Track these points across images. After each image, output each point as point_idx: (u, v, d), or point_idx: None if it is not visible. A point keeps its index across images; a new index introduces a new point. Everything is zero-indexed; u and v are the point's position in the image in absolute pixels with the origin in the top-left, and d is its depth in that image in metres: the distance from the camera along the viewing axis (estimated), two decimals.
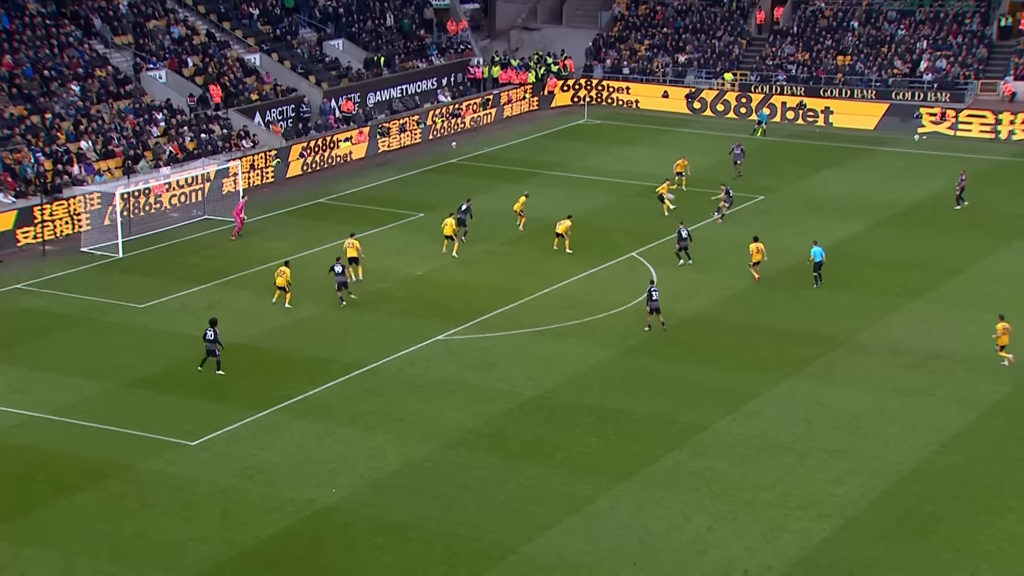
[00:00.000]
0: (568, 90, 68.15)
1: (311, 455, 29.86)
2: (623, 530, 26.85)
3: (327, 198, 51.09)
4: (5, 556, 25.23)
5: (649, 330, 36.99)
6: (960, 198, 49.49)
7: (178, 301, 39.41)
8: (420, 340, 36.44)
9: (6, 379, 33.26)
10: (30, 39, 52.78)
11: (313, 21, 65.03)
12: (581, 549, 26.13)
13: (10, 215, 44.20)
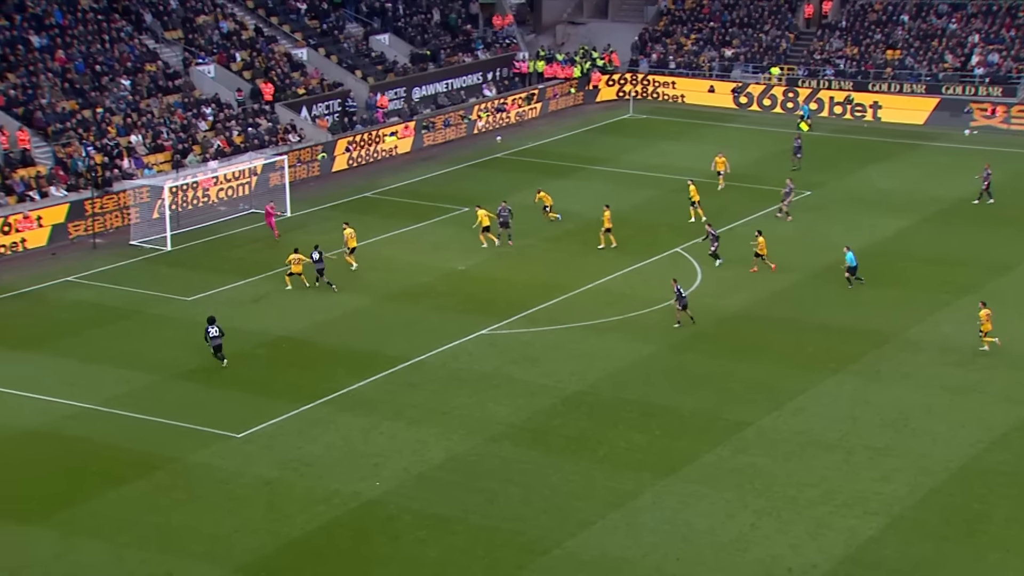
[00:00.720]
0: (613, 85, 67.95)
1: (356, 448, 30.01)
2: (666, 526, 26.79)
3: (372, 192, 51.29)
4: (57, 545, 25.56)
5: (679, 326, 36.78)
6: (987, 192, 48.79)
7: (225, 294, 39.73)
8: (463, 335, 36.51)
9: (58, 371, 33.68)
10: (82, 34, 53.36)
11: (360, 16, 65.27)
12: (624, 544, 26.09)
13: (62, 208, 44.75)
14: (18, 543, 25.64)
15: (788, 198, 47.29)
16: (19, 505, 27.07)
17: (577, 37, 72.27)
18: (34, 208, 44.21)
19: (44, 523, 26.36)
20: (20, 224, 43.32)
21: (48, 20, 52.91)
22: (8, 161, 46.07)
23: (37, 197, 45.12)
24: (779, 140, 58.80)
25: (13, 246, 43.18)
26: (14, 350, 34.98)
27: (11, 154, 46.34)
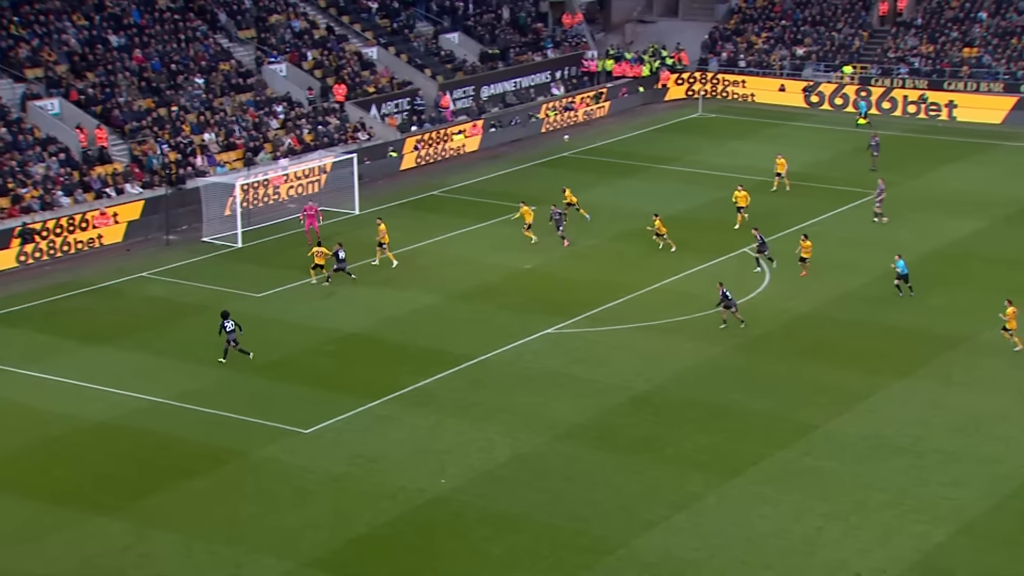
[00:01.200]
0: (682, 84, 67.54)
1: (422, 445, 30.15)
2: (731, 528, 26.58)
3: (440, 191, 51.48)
4: (129, 536, 25.96)
5: (725, 327, 36.40)
6: None
7: (294, 291, 40.09)
8: (529, 333, 36.52)
9: (131, 365, 34.22)
10: (159, 33, 54.17)
11: (430, 14, 65.55)
12: (689, 546, 25.94)
13: (137, 205, 45.46)
14: (91, 532, 26.08)
15: (880, 197, 46.45)
16: (93, 495, 27.54)
17: (646, 36, 71.95)
18: (110, 205, 44.98)
19: (116, 514, 26.78)
20: (97, 220, 44.09)
21: (126, 20, 53.78)
22: (86, 159, 46.92)
23: (113, 194, 45.89)
24: (851, 139, 58.11)
25: (90, 242, 43.97)
26: (89, 344, 35.61)
27: (89, 152, 47.19)
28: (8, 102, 47.52)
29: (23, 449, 29.55)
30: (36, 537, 25.83)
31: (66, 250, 43.20)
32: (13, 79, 48.56)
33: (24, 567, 24.81)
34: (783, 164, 50.74)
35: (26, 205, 43.30)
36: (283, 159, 49.66)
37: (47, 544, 25.61)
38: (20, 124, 46.72)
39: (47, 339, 35.89)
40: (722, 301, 36.34)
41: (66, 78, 49.46)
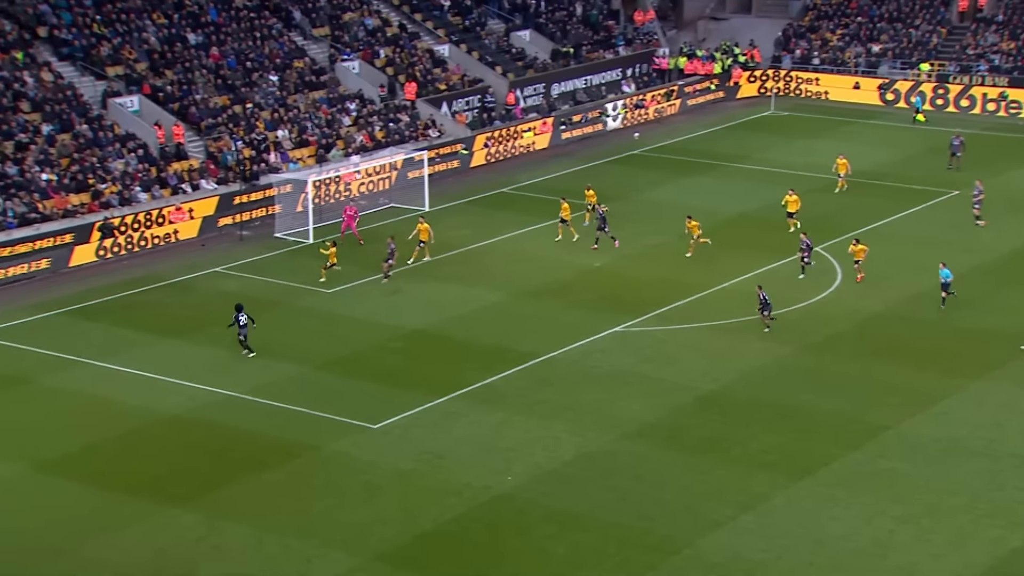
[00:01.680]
0: (754, 81, 66.95)
1: (488, 442, 30.26)
2: (800, 530, 26.36)
3: (509, 188, 51.56)
4: (201, 528, 26.36)
5: (768, 331, 35.92)
6: None
7: (363, 287, 40.41)
8: (596, 332, 36.47)
9: (205, 359, 34.73)
10: (235, 31, 54.89)
11: (502, 12, 65.66)
12: (756, 547, 25.76)
13: (212, 201, 46.13)
14: (165, 524, 26.52)
15: (979, 199, 45.44)
16: (167, 487, 27.99)
17: (719, 33, 71.41)
18: (186, 200, 45.68)
19: (189, 505, 27.22)
20: (173, 216, 44.82)
21: (204, 18, 54.57)
22: (163, 155, 47.71)
23: (189, 190, 46.60)
24: (927, 138, 57.24)
25: (166, 237, 44.71)
26: (164, 337, 36.22)
27: (166, 148, 47.97)
28: (90, 99, 48.47)
29: (101, 441, 30.14)
30: (114, 527, 26.33)
31: (143, 245, 43.97)
32: (95, 77, 49.53)
33: (102, 556, 25.32)
34: (845, 164, 49.98)
35: (105, 200, 44.14)
36: (355, 156, 50.09)
37: (124, 534, 26.10)
38: (101, 121, 47.63)
39: (124, 333, 36.57)
40: (761, 305, 35.80)
41: (145, 76, 50.31)
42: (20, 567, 24.96)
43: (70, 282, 40.69)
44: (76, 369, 33.94)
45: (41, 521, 26.60)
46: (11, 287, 40.19)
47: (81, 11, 51.50)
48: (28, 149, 44.59)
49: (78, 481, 28.19)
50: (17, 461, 28.95)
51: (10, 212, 41.77)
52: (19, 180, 43.24)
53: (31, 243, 41.11)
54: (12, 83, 46.77)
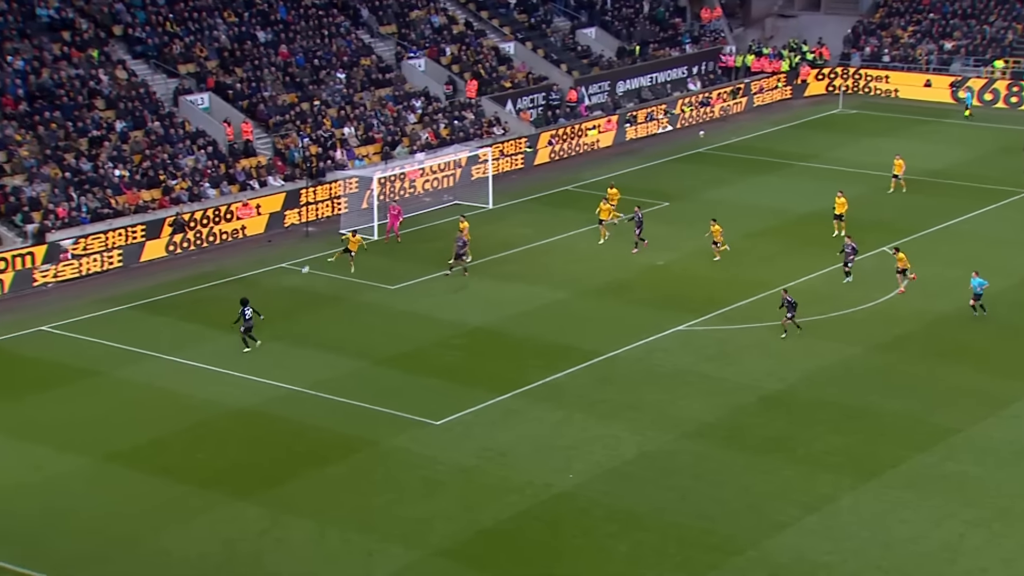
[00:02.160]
0: (823, 79, 66.13)
1: (549, 440, 30.17)
2: (866, 532, 25.98)
3: (573, 186, 51.40)
4: (265, 521, 26.55)
5: (785, 336, 35.10)
6: None
7: (425, 284, 40.49)
8: (659, 330, 36.23)
9: (270, 353, 35.00)
10: (304, 29, 55.32)
11: (568, 9, 65.50)
12: (821, 549, 25.43)
13: (279, 197, 46.50)
14: (231, 516, 26.75)
15: None
16: (233, 480, 28.24)
17: (787, 30, 70.65)
18: (253, 196, 46.10)
19: (253, 498, 27.43)
20: (241, 212, 45.25)
21: (273, 16, 55.07)
22: (232, 151, 48.19)
23: (256, 186, 47.03)
24: (1000, 137, 56.19)
25: (234, 233, 45.16)
26: (230, 332, 36.52)
27: (235, 145, 48.46)
28: (161, 96, 49.11)
29: (169, 433, 30.48)
30: (182, 519, 26.62)
31: (211, 240, 44.46)
32: (167, 74, 50.18)
33: (171, 547, 25.61)
34: (901, 165, 48.87)
35: (175, 196, 44.70)
36: (419, 153, 50.23)
37: (191, 526, 26.37)
38: (172, 118, 48.24)
39: (192, 327, 36.98)
40: (786, 306, 34.97)
41: (216, 73, 50.87)
42: (92, 556, 25.33)
43: (141, 277, 41.26)
44: (145, 362, 34.39)
45: (111, 512, 26.97)
46: (84, 281, 40.83)
47: (155, 10, 52.21)
48: (102, 146, 45.29)
49: (147, 473, 28.53)
50: (88, 453, 29.37)
51: (83, 207, 42.44)
52: (93, 176, 43.92)
53: (103, 238, 41.73)
54: (88, 81, 47.53)
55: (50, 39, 48.48)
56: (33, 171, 42.97)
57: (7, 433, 30.20)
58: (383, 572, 24.86)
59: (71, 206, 42.23)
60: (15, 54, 46.84)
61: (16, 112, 44.84)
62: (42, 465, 28.78)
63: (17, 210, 41.32)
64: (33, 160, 43.32)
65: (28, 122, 44.76)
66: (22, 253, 39.93)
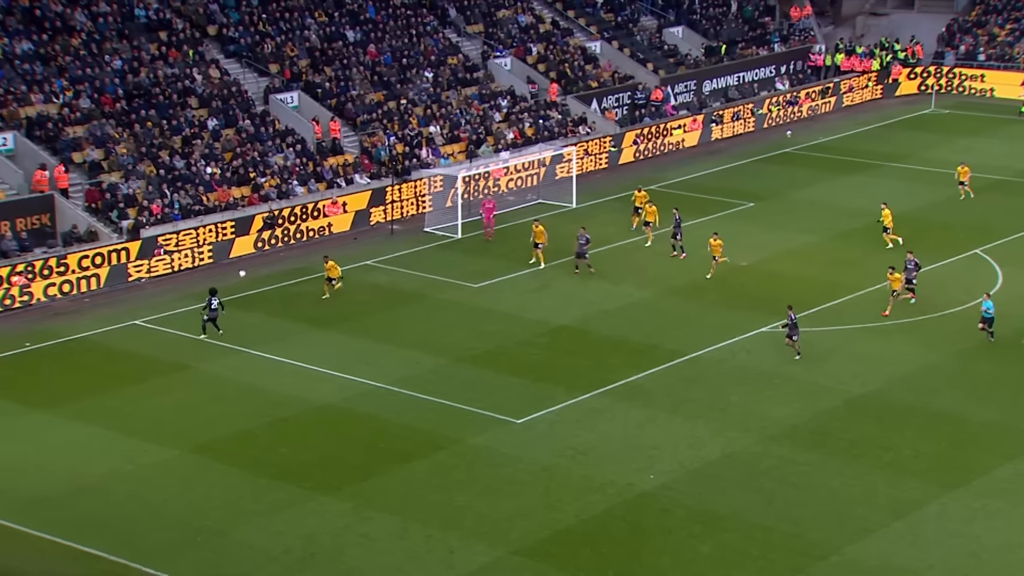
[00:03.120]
0: (915, 78, 64.80)
1: (632, 440, 29.95)
2: (954, 540, 25.42)
3: (657, 185, 50.98)
4: (350, 516, 26.70)
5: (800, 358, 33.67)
6: None
7: (508, 283, 40.45)
8: (743, 331, 35.78)
9: (355, 350, 35.25)
10: (392, 29, 55.67)
11: (655, 8, 65.05)
12: (908, 555, 24.94)
13: (365, 195, 46.83)
14: (314, 511, 26.94)
15: None
16: (317, 475, 28.46)
17: (878, 29, 69.37)
18: (340, 194, 46.49)
19: (337, 494, 27.61)
20: (328, 209, 45.66)
21: (363, 16, 55.49)
22: (320, 149, 48.65)
23: (343, 184, 47.42)
24: None
25: (320, 230, 45.58)
26: (316, 328, 36.89)
27: (323, 143, 48.92)
28: (253, 95, 49.75)
29: (255, 427, 30.84)
30: (265, 512, 26.89)
31: (299, 237, 44.93)
32: (258, 73, 50.83)
33: (255, 540, 25.89)
34: (966, 172, 47.21)
35: (264, 194, 45.24)
36: (504, 152, 50.23)
37: (275, 519, 26.61)
38: (263, 117, 48.85)
39: (279, 322, 37.38)
40: (788, 325, 33.35)
41: (306, 72, 51.40)
42: (179, 546, 25.72)
43: (231, 272, 41.82)
44: (233, 357, 34.84)
45: (198, 503, 27.35)
46: (175, 277, 41.52)
47: (248, 10, 52.93)
48: (195, 143, 46.02)
49: (233, 465, 28.89)
50: (177, 445, 29.83)
51: (176, 204, 43.16)
52: (185, 173, 44.65)
53: (195, 234, 42.40)
54: (182, 80, 48.33)
55: (148, 39, 49.40)
56: (129, 168, 43.82)
57: (102, 424, 30.81)
58: (465, 569, 24.87)
59: (164, 203, 42.99)
60: (114, 54, 47.81)
61: (114, 111, 45.76)
62: (134, 456, 29.30)
63: (113, 206, 42.16)
64: (129, 158, 44.17)
65: (125, 120, 45.66)
66: (117, 249, 40.74)
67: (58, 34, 47.45)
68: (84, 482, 28.07)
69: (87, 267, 40.02)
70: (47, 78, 45.64)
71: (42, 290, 39.11)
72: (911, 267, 37.27)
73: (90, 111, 45.28)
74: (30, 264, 38.91)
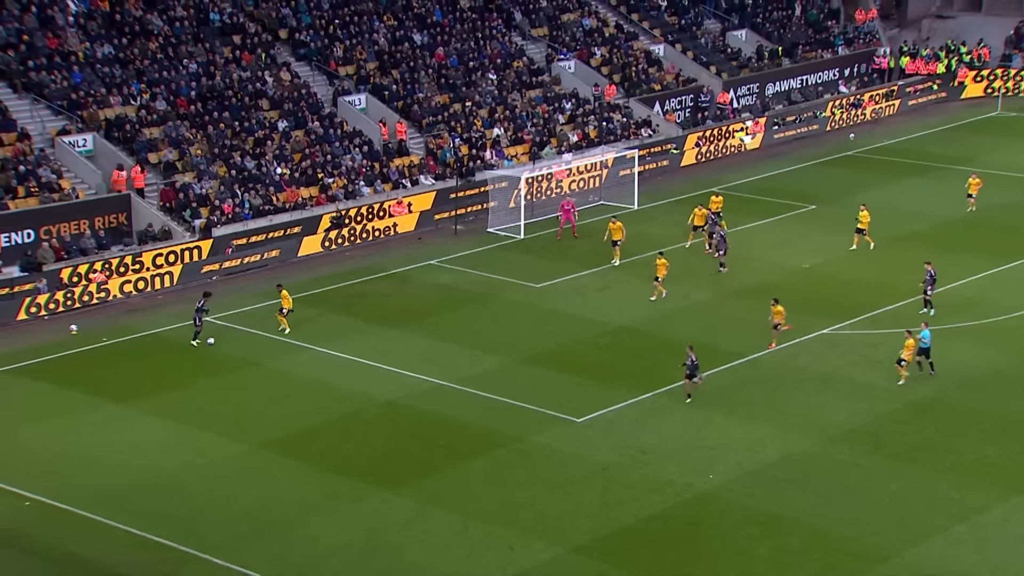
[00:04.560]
0: (981, 81, 63.54)
1: (691, 440, 29.69)
2: (1018, 545, 24.98)
3: (718, 188, 50.50)
4: (411, 511, 26.74)
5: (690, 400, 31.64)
6: None
7: (570, 283, 40.30)
8: (804, 333, 35.30)
9: (418, 348, 35.31)
10: (459, 32, 55.74)
11: (718, 12, 64.48)
12: (969, 560, 24.46)
13: (429, 196, 46.93)
14: (376, 506, 27.04)
15: None
16: (379, 470, 28.54)
17: (944, 32, 68.13)
18: (406, 195, 46.62)
19: (399, 490, 27.68)
20: (394, 209, 45.82)
21: (430, 19, 55.62)
22: (386, 151, 48.84)
23: (408, 185, 47.57)
24: None
25: (386, 230, 45.76)
26: (381, 326, 37.02)
27: (390, 144, 49.10)
28: (322, 98, 50.10)
29: (320, 423, 31.00)
30: (330, 507, 27.02)
31: (365, 237, 45.14)
32: (327, 76, 51.16)
33: (318, 534, 26.03)
34: (976, 184, 45.27)
35: (332, 194, 45.51)
36: (567, 154, 50.07)
37: (338, 514, 26.74)
38: (332, 119, 49.16)
39: (344, 320, 37.57)
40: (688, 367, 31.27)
41: (373, 75, 51.64)
42: (246, 538, 25.94)
43: (298, 271, 42.13)
44: (299, 354, 35.07)
45: (265, 497, 27.55)
46: (245, 274, 41.91)
47: (319, 14, 53.30)
48: (266, 145, 46.42)
49: (299, 460, 29.06)
50: (246, 440, 30.09)
51: (246, 204, 43.56)
52: (256, 174, 45.06)
53: (264, 233, 42.78)
54: (254, 82, 48.79)
55: (221, 43, 49.93)
56: (202, 169, 44.31)
57: (176, 419, 31.16)
58: (524, 566, 24.79)
59: (235, 202, 43.41)
60: (189, 57, 48.38)
61: (188, 113, 46.31)
62: (204, 450, 29.61)
63: (186, 206, 42.66)
64: (202, 158, 44.67)
65: (199, 122, 46.18)
66: (190, 247, 41.22)
67: (136, 38, 48.13)
68: (156, 474, 28.41)
69: (161, 265, 40.54)
70: (125, 81, 46.31)
71: (118, 287, 39.68)
72: (928, 279, 36.01)
73: (166, 113, 45.87)
74: (107, 261, 39.50)
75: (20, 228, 39.52)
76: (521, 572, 24.60)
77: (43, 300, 37.98)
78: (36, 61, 45.16)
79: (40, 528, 26.29)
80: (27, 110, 43.80)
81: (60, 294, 38.34)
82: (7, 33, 45.68)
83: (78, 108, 44.29)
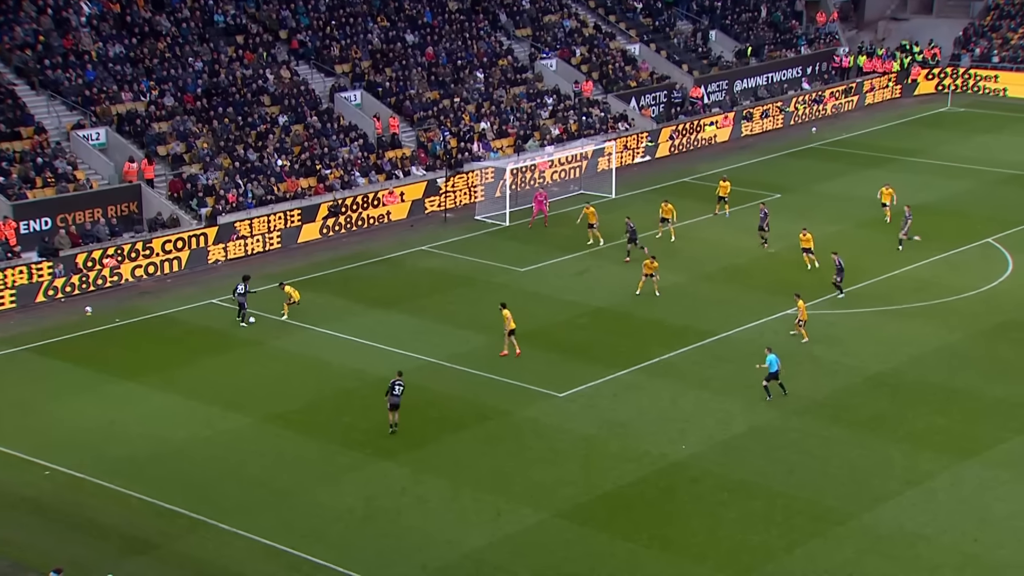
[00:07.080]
0: (932, 78, 63.89)
1: (665, 413, 29.92)
2: (964, 507, 25.25)
3: (691, 177, 50.74)
4: (407, 479, 26.92)
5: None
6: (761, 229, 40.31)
7: (551, 267, 40.45)
8: (770, 313, 35.57)
9: (410, 328, 35.42)
10: (448, 32, 55.67)
11: (690, 14, 64.57)
12: (920, 521, 24.79)
13: (420, 185, 46.98)
14: (374, 475, 27.18)
15: None
16: (377, 442, 28.68)
17: (899, 33, 68.46)
18: (398, 185, 46.66)
19: (395, 459, 27.83)
20: (387, 199, 45.85)
21: (420, 20, 55.53)
22: (380, 144, 48.84)
23: (401, 175, 47.59)
24: None
25: (380, 218, 45.80)
26: (375, 308, 37.10)
27: (383, 138, 49.10)
28: (320, 94, 50.01)
29: (320, 398, 31.11)
30: (330, 476, 27.16)
31: (360, 224, 45.17)
32: (325, 74, 51.07)
33: (320, 500, 26.19)
34: (889, 194, 43.39)
35: (329, 184, 45.50)
36: (549, 146, 50.16)
37: (341, 482, 26.88)
38: (329, 114, 49.10)
39: (342, 302, 37.63)
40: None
41: (368, 72, 51.56)
42: (254, 505, 26.07)
43: (298, 256, 42.15)
44: (300, 334, 35.14)
45: (270, 466, 27.67)
46: (248, 260, 41.90)
47: (317, 16, 53.15)
48: (267, 138, 46.36)
49: (301, 433, 29.18)
50: (250, 414, 30.18)
51: (249, 193, 43.53)
52: (258, 165, 45.01)
53: (266, 221, 42.76)
54: (256, 80, 48.67)
55: (225, 43, 49.76)
56: (208, 161, 44.24)
57: (184, 394, 31.23)
58: (512, 529, 25.01)
59: (239, 192, 43.36)
60: (195, 56, 48.23)
61: (195, 108, 46.18)
62: (212, 422, 29.69)
63: (193, 196, 42.61)
64: (208, 151, 44.60)
65: (205, 117, 46.07)
66: (197, 234, 41.20)
67: (146, 38, 47.94)
68: (167, 445, 28.51)
69: (170, 250, 40.52)
70: (135, 78, 46.16)
71: (130, 271, 39.67)
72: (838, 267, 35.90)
73: (173, 108, 45.74)
74: (119, 247, 39.47)
75: (38, 216, 39.45)
76: (509, 535, 24.82)
77: (60, 284, 37.95)
78: (52, 60, 44.99)
79: (60, 496, 26.38)
80: (44, 106, 43.65)
81: (76, 278, 38.33)
82: (25, 34, 45.48)
83: (92, 104, 44.14)
